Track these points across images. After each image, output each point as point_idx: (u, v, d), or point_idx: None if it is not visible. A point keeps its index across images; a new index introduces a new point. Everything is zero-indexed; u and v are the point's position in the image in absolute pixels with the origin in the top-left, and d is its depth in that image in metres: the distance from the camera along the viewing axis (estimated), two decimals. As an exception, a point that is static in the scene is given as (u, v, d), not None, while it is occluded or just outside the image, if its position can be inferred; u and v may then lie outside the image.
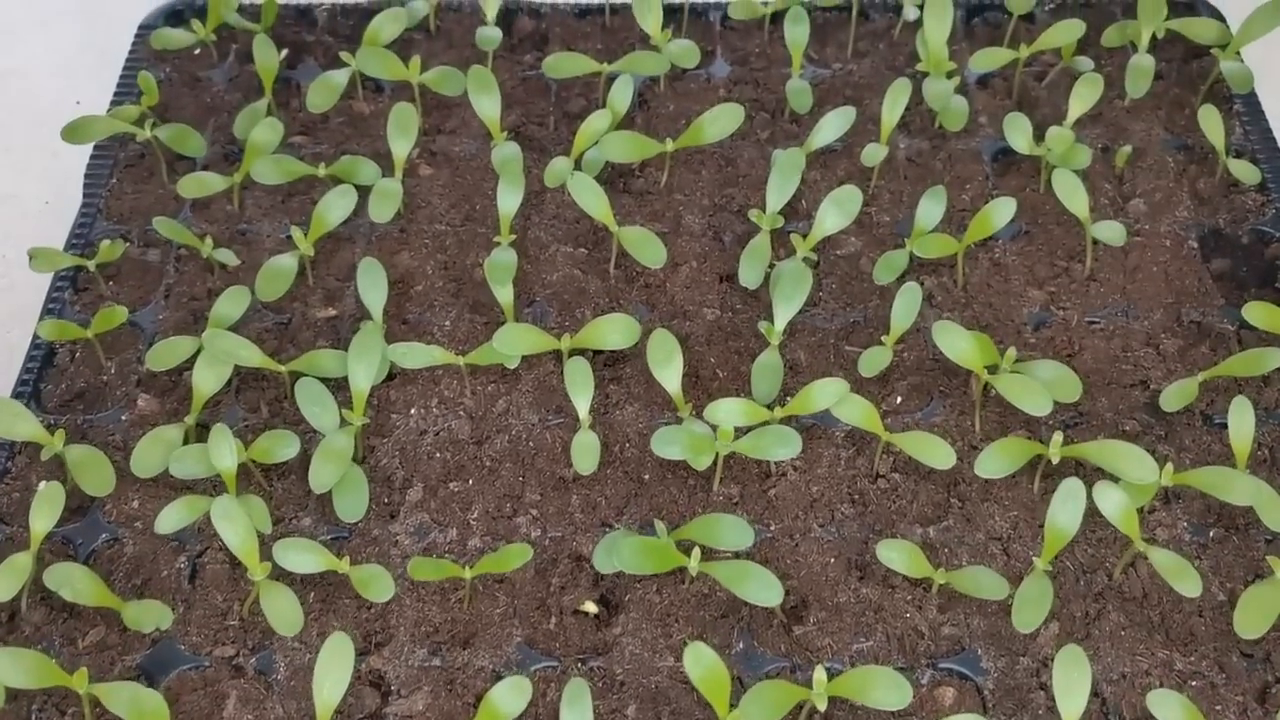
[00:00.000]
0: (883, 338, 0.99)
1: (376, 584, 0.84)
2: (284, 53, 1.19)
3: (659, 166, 1.14)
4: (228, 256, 1.05)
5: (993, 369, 0.95)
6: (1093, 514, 0.88)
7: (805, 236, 1.04)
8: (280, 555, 0.85)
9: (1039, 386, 0.91)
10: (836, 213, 1.03)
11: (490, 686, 0.83)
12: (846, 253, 1.08)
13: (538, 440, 0.96)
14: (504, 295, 1.00)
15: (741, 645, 0.86)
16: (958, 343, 0.93)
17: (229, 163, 1.15)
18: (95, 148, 1.16)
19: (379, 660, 0.86)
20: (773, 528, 0.92)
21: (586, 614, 0.88)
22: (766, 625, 0.87)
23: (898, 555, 0.86)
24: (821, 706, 0.80)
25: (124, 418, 0.98)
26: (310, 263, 1.06)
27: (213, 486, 0.93)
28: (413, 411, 0.97)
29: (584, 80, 1.21)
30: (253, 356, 0.95)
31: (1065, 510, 0.83)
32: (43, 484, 0.88)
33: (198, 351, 0.97)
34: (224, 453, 0.88)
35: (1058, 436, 0.90)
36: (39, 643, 0.87)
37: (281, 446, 0.91)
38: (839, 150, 1.14)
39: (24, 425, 0.91)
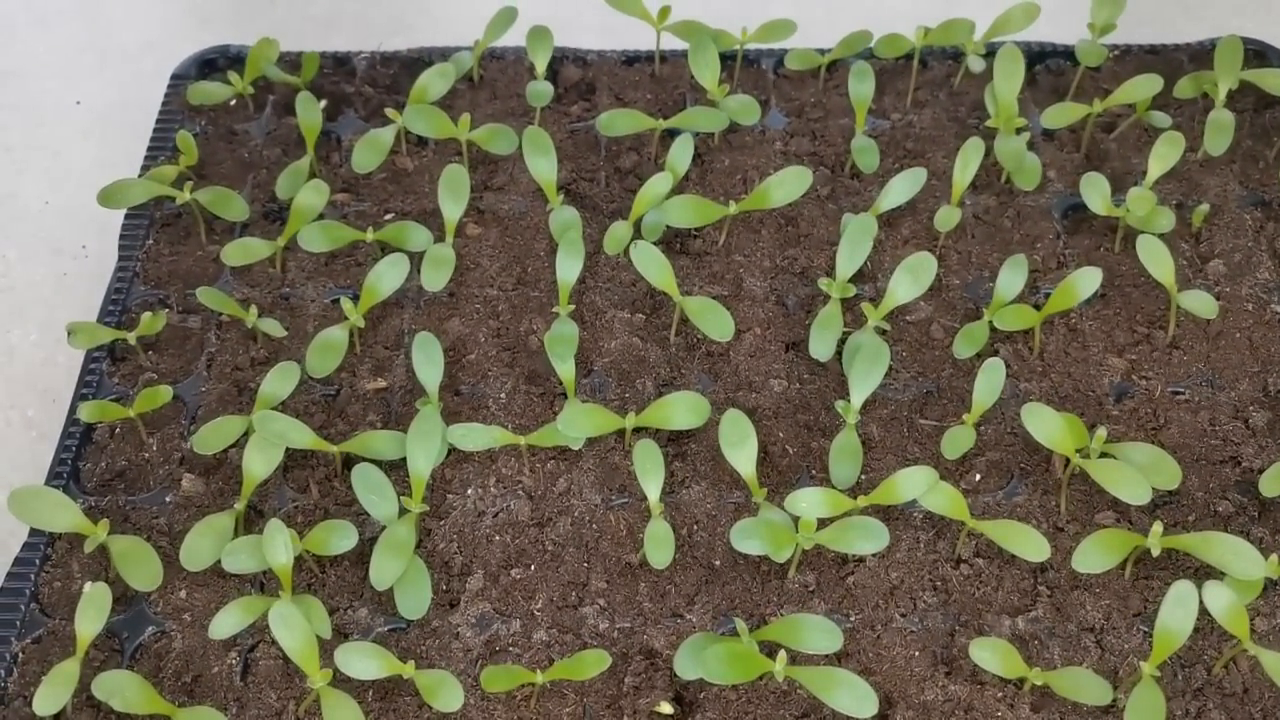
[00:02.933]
0: (964, 416, 0.94)
1: (444, 692, 0.80)
2: (323, 103, 1.14)
3: (718, 227, 1.09)
4: (273, 327, 1.01)
5: (1082, 451, 0.91)
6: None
7: (875, 304, 1.00)
8: (342, 661, 0.80)
9: (1136, 474, 0.87)
10: (910, 282, 0.99)
11: None
12: (917, 319, 1.03)
13: (601, 523, 0.92)
14: (565, 371, 0.95)
15: (826, 749, 0.82)
16: (1047, 426, 0.89)
17: (270, 221, 1.10)
18: (129, 208, 1.12)
19: None
20: (852, 618, 0.88)
21: (662, 715, 0.83)
22: (851, 727, 0.83)
23: (990, 655, 0.82)
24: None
25: (168, 499, 0.93)
26: (359, 331, 1.02)
27: (264, 574, 0.89)
28: (469, 492, 0.93)
29: (636, 134, 1.16)
30: (304, 439, 0.91)
31: (1177, 615, 0.79)
32: (88, 585, 0.84)
33: (245, 432, 0.93)
34: (279, 549, 0.83)
35: (1157, 527, 0.86)
36: (87, 751, 0.82)
37: (338, 538, 0.86)
38: (904, 208, 1.10)
39: (65, 515, 0.87)
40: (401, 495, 0.90)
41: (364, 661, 0.80)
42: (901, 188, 1.06)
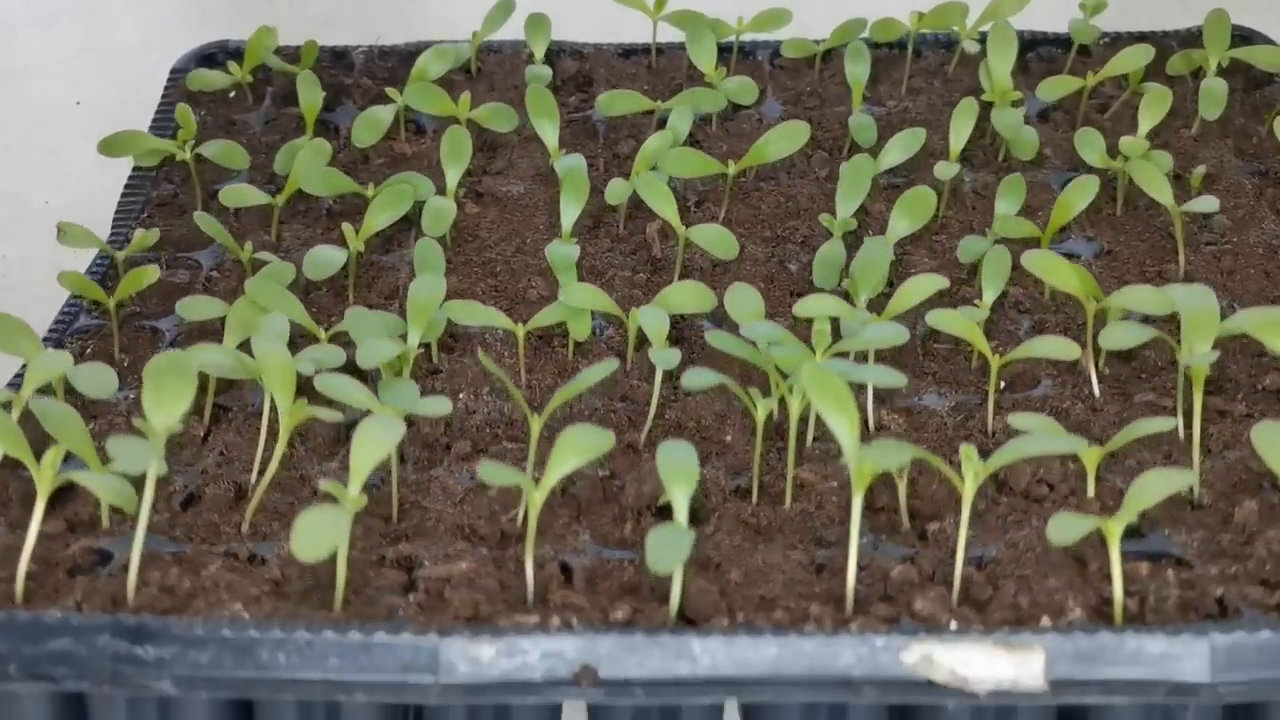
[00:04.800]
0: (976, 301, 0.93)
1: None
2: (322, 95, 1.15)
3: (716, 201, 1.09)
4: (269, 258, 0.99)
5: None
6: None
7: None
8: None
9: (1163, 294, 0.84)
10: (909, 217, 0.99)
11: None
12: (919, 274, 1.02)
13: (602, 419, 0.88)
14: (568, 277, 0.95)
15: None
16: (1061, 272, 0.88)
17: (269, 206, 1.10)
18: (126, 186, 1.11)
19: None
20: None
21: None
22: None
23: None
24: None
25: (131, 395, 0.90)
26: (353, 283, 1.00)
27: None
28: (461, 396, 0.90)
29: (633, 122, 1.17)
30: (296, 311, 0.89)
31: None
32: None
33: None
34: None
35: None
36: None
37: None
38: (902, 186, 1.10)
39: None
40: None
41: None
42: (901, 146, 1.06)
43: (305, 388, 0.82)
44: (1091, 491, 0.81)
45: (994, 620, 0.70)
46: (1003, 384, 0.91)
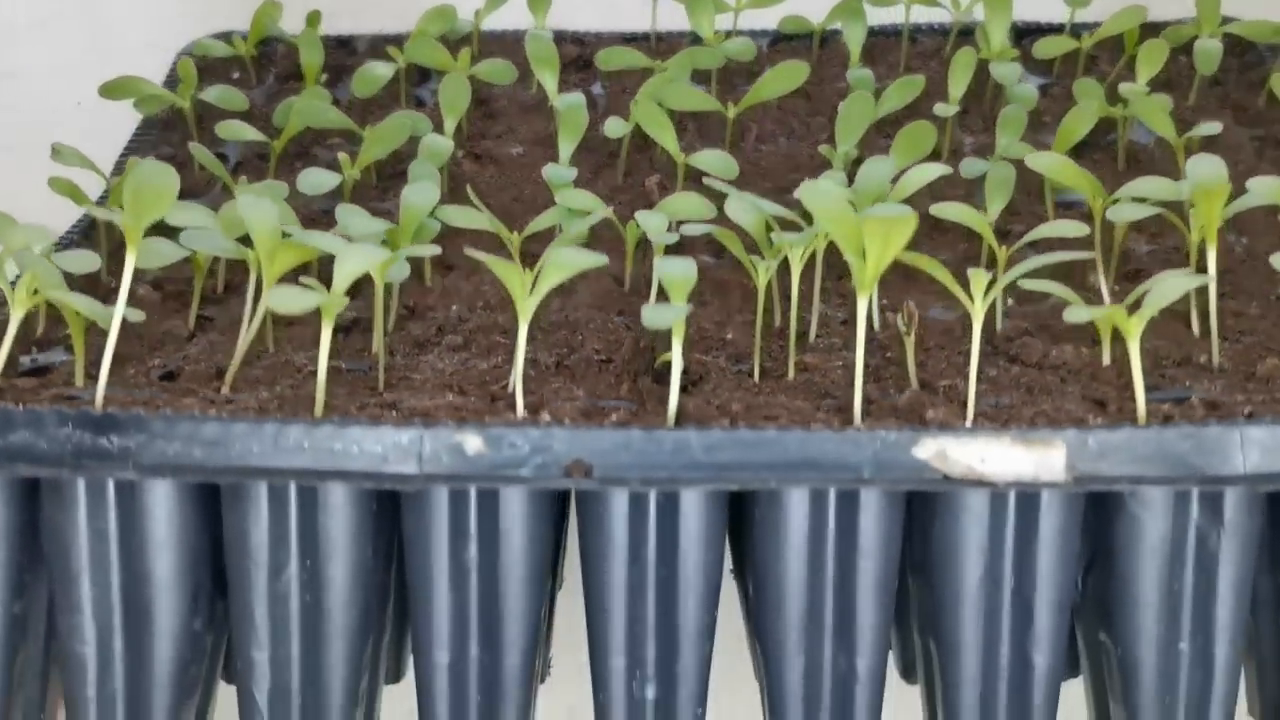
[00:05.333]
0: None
1: None
2: (324, 77, 1.16)
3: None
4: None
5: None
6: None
7: (879, 181, 0.98)
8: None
9: (1171, 183, 0.83)
10: (911, 147, 0.98)
11: None
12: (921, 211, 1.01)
13: (599, 326, 0.86)
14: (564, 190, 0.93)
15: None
16: (1062, 170, 0.87)
17: (266, 163, 1.09)
18: (127, 146, 1.11)
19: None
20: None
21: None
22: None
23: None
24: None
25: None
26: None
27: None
28: (454, 308, 0.88)
29: (633, 94, 1.17)
30: (287, 216, 0.86)
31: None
32: None
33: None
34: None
35: None
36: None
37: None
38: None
39: None
40: None
41: None
42: (899, 91, 1.06)
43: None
44: (1107, 357, 0.78)
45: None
46: (1010, 300, 0.89)
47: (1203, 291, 0.84)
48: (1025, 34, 1.26)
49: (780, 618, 0.68)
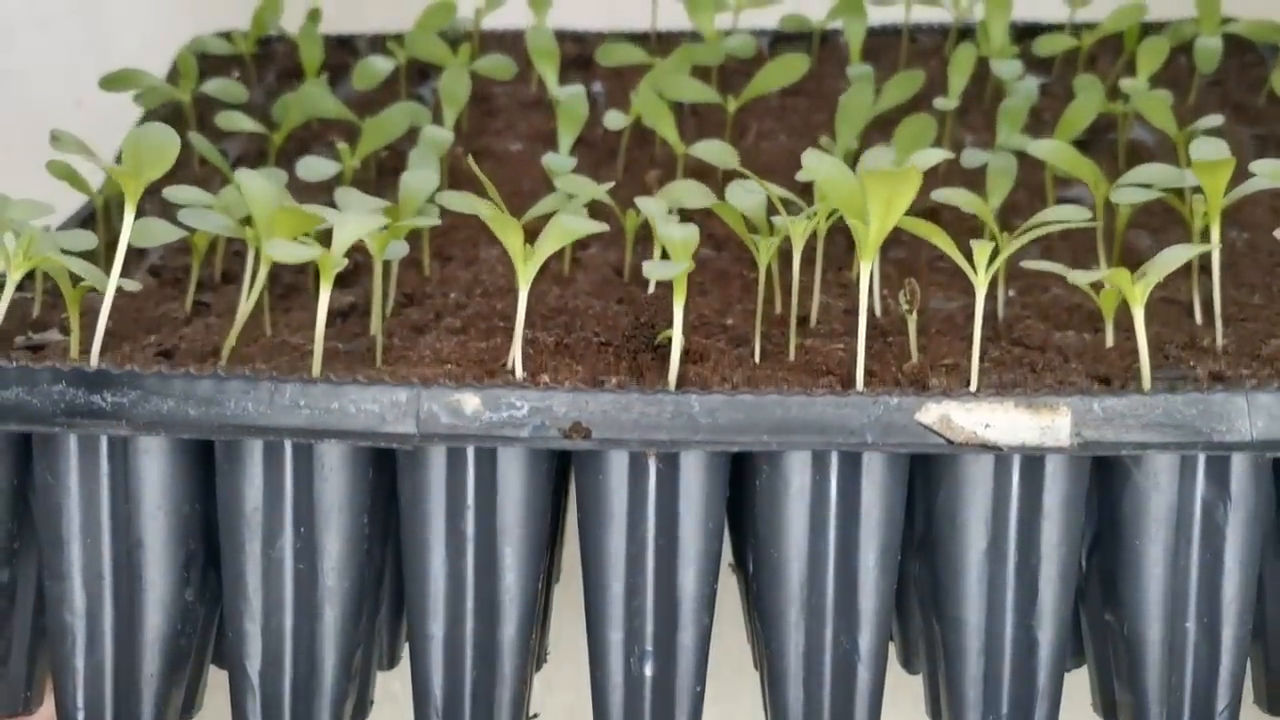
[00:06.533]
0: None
1: None
2: (324, 75, 1.16)
3: (717, 151, 1.08)
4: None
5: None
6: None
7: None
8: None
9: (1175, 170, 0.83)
10: (912, 140, 0.97)
11: None
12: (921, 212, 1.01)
13: (598, 313, 0.85)
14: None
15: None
16: (1063, 155, 0.86)
17: (265, 158, 1.09)
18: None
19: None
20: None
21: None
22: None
23: None
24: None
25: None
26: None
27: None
28: (452, 295, 0.87)
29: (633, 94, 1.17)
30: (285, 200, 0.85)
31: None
32: None
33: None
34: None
35: None
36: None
37: None
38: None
39: None
40: None
41: None
42: (899, 87, 1.06)
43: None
44: (1110, 340, 0.77)
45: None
46: (1011, 292, 0.88)
47: (1205, 280, 0.84)
48: (1025, 34, 1.26)
49: (781, 593, 0.67)
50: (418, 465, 0.66)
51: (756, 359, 0.78)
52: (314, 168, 0.96)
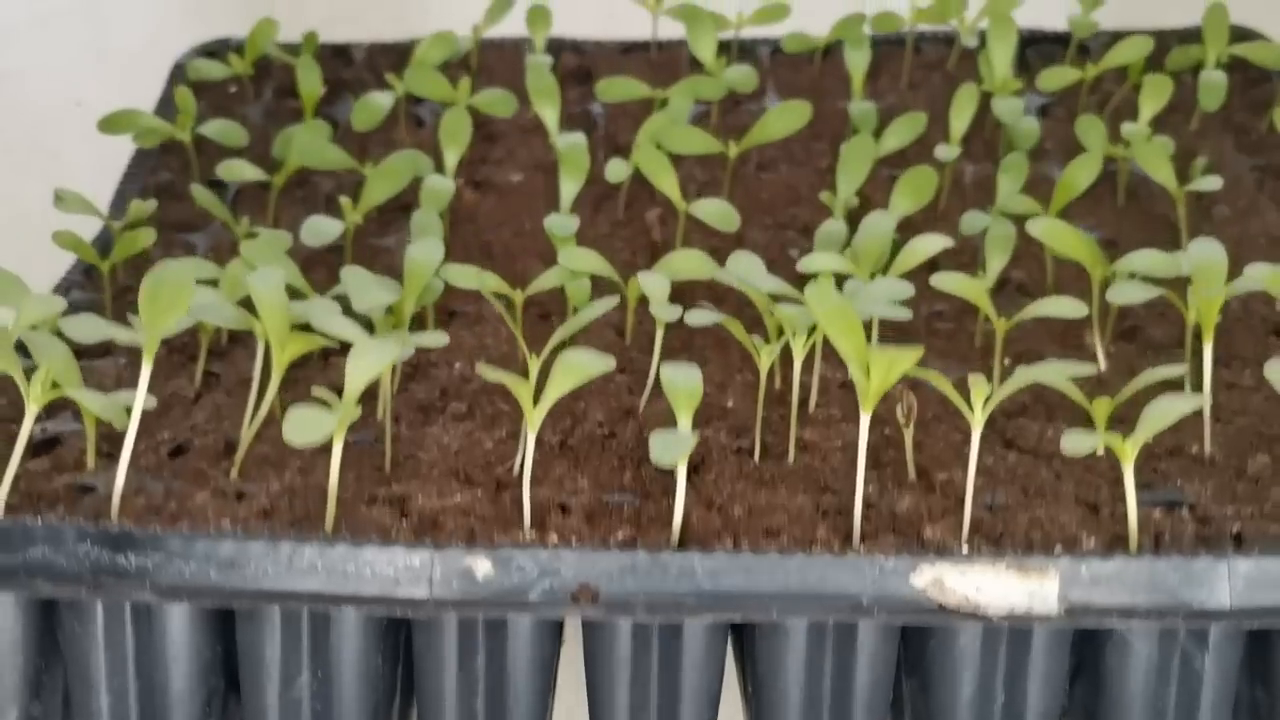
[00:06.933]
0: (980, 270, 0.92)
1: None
2: (323, 88, 1.15)
3: (715, 189, 1.08)
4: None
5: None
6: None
7: (880, 231, 0.98)
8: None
9: (1172, 257, 0.84)
10: (912, 195, 0.98)
11: None
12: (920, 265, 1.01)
13: (599, 387, 0.86)
14: (566, 245, 0.93)
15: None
16: (1066, 239, 0.86)
17: (266, 191, 1.09)
18: (126, 171, 1.11)
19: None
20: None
21: None
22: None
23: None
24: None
25: (124, 361, 0.89)
26: (349, 262, 0.99)
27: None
28: (456, 365, 0.89)
29: (633, 115, 1.17)
30: (291, 274, 0.87)
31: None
32: None
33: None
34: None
35: None
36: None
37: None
38: (902, 172, 1.10)
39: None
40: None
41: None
42: (903, 129, 1.06)
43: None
44: (1100, 449, 0.79)
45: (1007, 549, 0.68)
46: (1006, 361, 0.89)
47: (1198, 365, 0.85)
48: (1030, 43, 1.25)
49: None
50: (430, 624, 0.69)
51: (756, 456, 0.80)
52: (318, 230, 0.96)
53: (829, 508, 0.74)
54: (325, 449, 0.72)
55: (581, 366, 0.70)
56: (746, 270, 0.88)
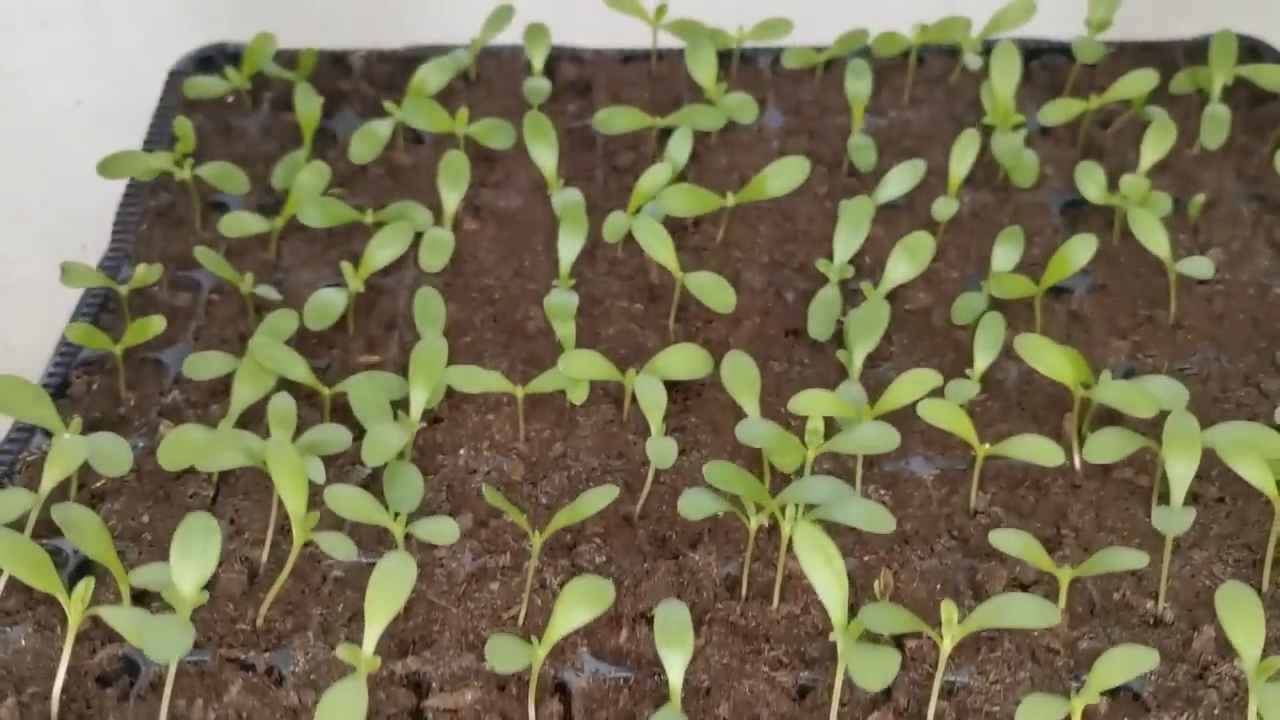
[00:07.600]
0: (967, 370, 0.94)
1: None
2: (320, 100, 1.14)
3: (715, 222, 1.09)
4: (269, 292, 1.00)
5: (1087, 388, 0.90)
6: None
7: (875, 287, 0.99)
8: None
9: (1149, 395, 0.86)
10: (908, 261, 0.99)
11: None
12: (916, 307, 1.03)
13: (598, 480, 0.90)
14: (566, 330, 0.95)
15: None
16: (1049, 359, 0.88)
17: (265, 215, 1.09)
18: (124, 195, 1.11)
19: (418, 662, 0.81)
20: (865, 559, 0.86)
21: None
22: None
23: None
24: None
25: (142, 444, 0.92)
26: (352, 311, 1.01)
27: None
28: (461, 452, 0.92)
29: (633, 132, 1.16)
30: (299, 371, 0.90)
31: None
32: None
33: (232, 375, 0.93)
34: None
35: None
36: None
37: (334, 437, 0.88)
38: (902, 205, 1.10)
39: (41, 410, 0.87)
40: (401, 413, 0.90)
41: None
42: (900, 179, 1.06)
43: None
44: (1062, 603, 0.83)
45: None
46: (988, 445, 0.91)
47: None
48: (1034, 54, 1.23)
49: None
50: None
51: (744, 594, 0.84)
52: (323, 309, 0.98)
53: (808, 687, 0.79)
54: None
55: (586, 599, 0.75)
56: (740, 381, 0.91)
